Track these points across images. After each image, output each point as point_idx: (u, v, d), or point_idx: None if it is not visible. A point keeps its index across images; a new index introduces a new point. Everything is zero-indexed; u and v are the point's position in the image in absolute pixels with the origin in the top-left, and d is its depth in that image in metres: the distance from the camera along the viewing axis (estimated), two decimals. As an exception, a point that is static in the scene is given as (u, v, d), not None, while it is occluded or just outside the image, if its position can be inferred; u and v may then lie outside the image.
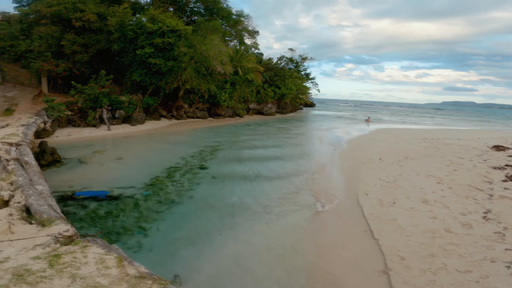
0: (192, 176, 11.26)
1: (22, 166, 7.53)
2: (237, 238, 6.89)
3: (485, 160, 14.29)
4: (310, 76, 54.43)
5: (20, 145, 9.56)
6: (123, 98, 24.58)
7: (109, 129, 20.82)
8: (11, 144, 9.37)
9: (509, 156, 15.31)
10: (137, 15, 25.17)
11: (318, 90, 60.35)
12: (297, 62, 52.14)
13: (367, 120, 40.55)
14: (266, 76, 36.78)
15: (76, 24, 23.40)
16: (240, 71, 30.70)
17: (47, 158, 11.14)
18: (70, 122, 20.89)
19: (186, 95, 28.52)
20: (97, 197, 8.48)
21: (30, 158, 8.25)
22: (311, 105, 62.85)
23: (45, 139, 14.05)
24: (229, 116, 32.55)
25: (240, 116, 33.59)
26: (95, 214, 7.56)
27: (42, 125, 16.02)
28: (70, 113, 20.47)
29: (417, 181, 10.74)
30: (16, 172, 6.60)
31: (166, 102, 29.28)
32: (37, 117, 16.52)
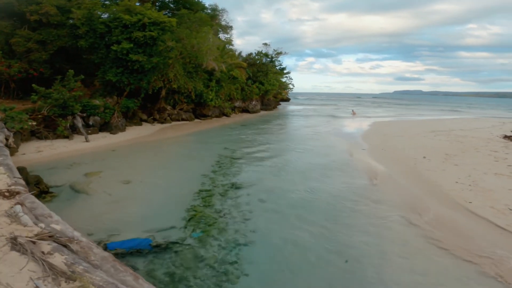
0: (235, 202, 8.79)
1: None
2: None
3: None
4: (285, 71, 53.12)
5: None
6: (96, 102, 20.72)
7: (87, 140, 17.12)
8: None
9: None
10: (109, 6, 21.29)
11: (293, 85, 59.26)
12: (272, 57, 50.46)
13: (352, 113, 40.25)
14: (249, 72, 34.44)
15: (31, 18, 19.14)
16: (223, 67, 28.03)
17: (32, 191, 7.86)
18: (34, 134, 16.82)
19: (170, 95, 25.17)
20: (139, 249, 5.74)
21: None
22: (286, 100, 61.76)
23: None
24: (216, 116, 29.73)
25: (227, 116, 30.92)
26: (153, 279, 4.90)
27: (4, 141, 12.20)
28: (34, 123, 16.40)
29: (498, 182, 9.46)
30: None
31: (144, 105, 25.58)
32: (-5, 133, 12.61)
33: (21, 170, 8.26)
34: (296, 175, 11.50)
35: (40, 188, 8.22)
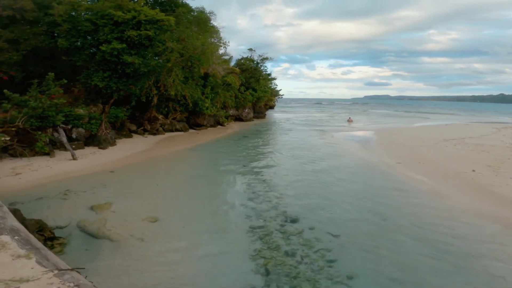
0: (301, 239, 6.95)
1: None
2: None
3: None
4: (270, 77, 51.85)
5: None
6: (80, 111, 17.86)
7: (74, 158, 14.32)
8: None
9: None
10: (96, 2, 18.53)
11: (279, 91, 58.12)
12: (257, 63, 49.07)
13: (348, 121, 39.69)
14: (242, 78, 32.60)
15: (3, 13, 16.17)
16: (223, 73, 26.00)
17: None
18: (6, 151, 13.80)
19: (164, 103, 22.62)
20: None
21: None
22: (271, 107, 60.49)
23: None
24: (211, 126, 27.45)
25: (222, 125, 28.74)
26: None
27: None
28: (7, 138, 13.36)
29: None
30: None
31: (133, 113, 22.76)
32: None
33: (16, 211, 5.78)
34: (349, 197, 9.80)
35: (45, 236, 5.82)
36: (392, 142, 19.89)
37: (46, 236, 5.95)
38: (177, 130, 24.06)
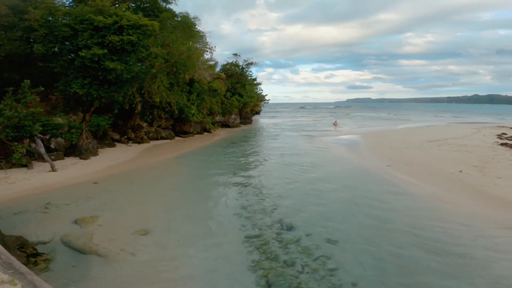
0: (300, 247, 6.71)
1: None
2: None
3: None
4: (256, 82, 51.87)
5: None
6: (59, 120, 17.09)
7: (53, 169, 13.58)
8: None
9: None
10: (73, 6, 17.89)
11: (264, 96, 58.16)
12: (242, 68, 49.01)
13: (334, 125, 40.11)
14: (228, 83, 32.35)
15: (-24, 18, 15.33)
16: (209, 78, 25.65)
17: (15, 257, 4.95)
18: (-22, 165, 12.93)
19: (148, 110, 22.00)
20: None
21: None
22: (257, 112, 60.39)
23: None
24: (198, 133, 26.93)
25: (209, 132, 28.28)
26: None
27: None
28: (-21, 151, 12.54)
29: None
30: None
31: (115, 122, 21.97)
32: None
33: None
34: (343, 201, 9.68)
35: (27, 253, 5.34)
36: (379, 145, 20.11)
37: (29, 252, 5.51)
38: (162, 138, 23.45)
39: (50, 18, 17.39)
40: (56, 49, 18.06)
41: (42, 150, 14.27)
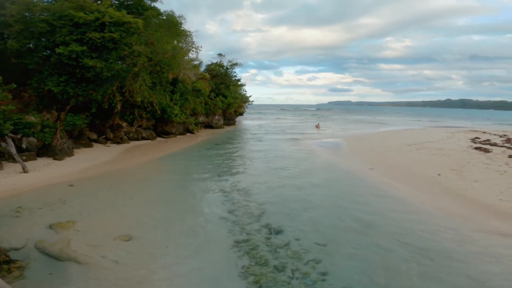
0: (290, 251, 6.65)
1: None
2: None
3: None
4: (240, 83, 51.62)
5: None
6: (32, 118, 16.22)
7: (25, 171, 12.83)
8: None
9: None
10: (52, 2, 17.04)
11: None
12: (227, 68, 48.69)
13: (317, 127, 40.57)
14: (212, 84, 31.98)
15: None
16: (194, 78, 25.21)
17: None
18: None
19: (128, 110, 21.31)
20: None
21: None
22: (241, 113, 60.11)
23: None
24: (180, 134, 26.39)
25: (192, 133, 27.78)
26: None
27: None
28: None
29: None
30: None
31: (92, 121, 21.10)
32: None
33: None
34: (329, 205, 9.72)
35: None
36: (361, 148, 20.53)
37: (1, 259, 5.08)
38: (143, 138, 22.79)
39: (27, 14, 16.53)
40: (31, 45, 17.22)
41: (13, 150, 13.42)
